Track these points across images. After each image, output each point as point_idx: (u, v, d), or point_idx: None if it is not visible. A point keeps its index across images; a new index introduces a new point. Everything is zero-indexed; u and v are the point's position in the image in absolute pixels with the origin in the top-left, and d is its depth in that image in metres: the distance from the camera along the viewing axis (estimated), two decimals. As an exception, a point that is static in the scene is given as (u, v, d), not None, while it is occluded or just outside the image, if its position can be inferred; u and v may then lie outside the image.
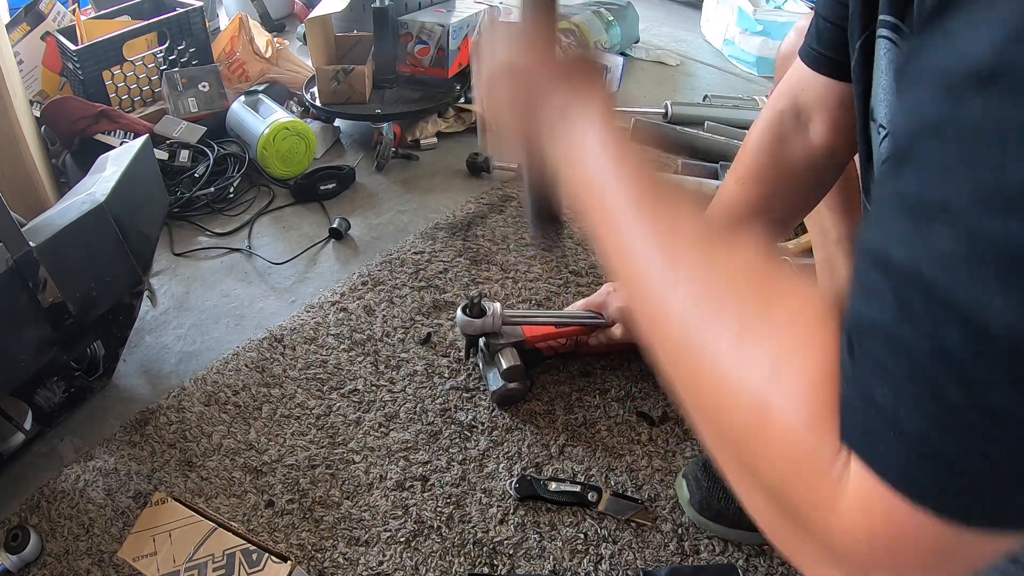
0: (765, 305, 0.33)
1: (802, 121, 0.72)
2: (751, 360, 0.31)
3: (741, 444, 0.32)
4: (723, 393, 0.32)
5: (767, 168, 0.74)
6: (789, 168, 0.73)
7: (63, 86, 1.58)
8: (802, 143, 0.72)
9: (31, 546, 0.79)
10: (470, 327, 0.96)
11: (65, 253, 0.84)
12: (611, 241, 0.41)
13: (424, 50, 1.62)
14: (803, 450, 0.29)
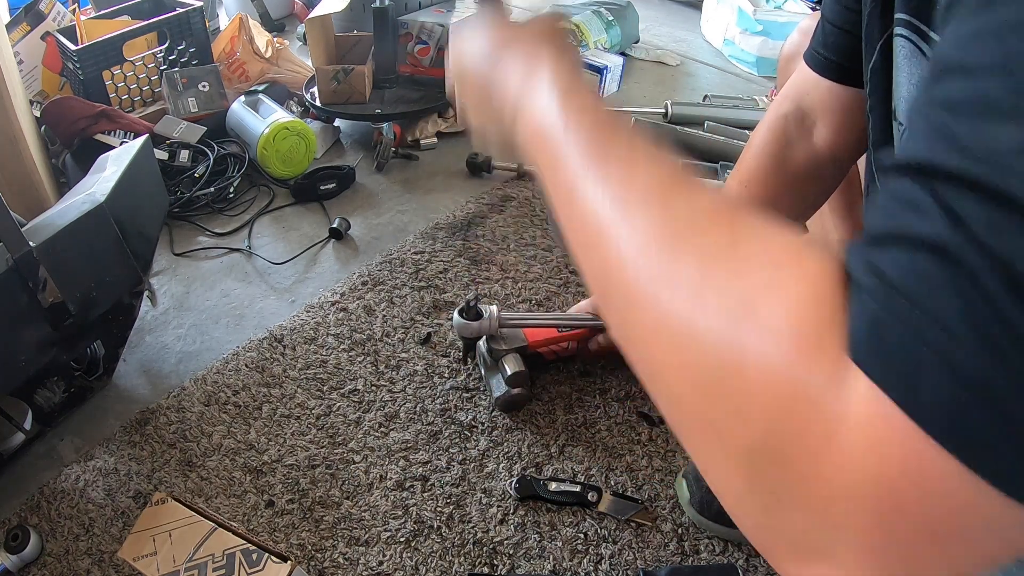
0: (730, 242, 0.28)
1: (806, 125, 0.72)
2: (717, 302, 0.27)
3: (711, 401, 0.27)
4: (687, 345, 0.27)
5: (771, 171, 0.74)
6: (793, 171, 0.73)
7: (63, 86, 1.58)
8: (806, 147, 0.72)
9: (31, 546, 0.79)
10: (467, 330, 0.96)
11: (65, 253, 0.84)
12: (559, 188, 0.37)
13: (424, 50, 1.62)
14: (790, 389, 0.24)
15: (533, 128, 0.40)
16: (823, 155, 0.71)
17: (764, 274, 0.27)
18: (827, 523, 0.23)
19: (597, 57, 1.91)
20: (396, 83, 1.65)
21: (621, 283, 0.31)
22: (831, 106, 0.68)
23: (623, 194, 0.33)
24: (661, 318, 0.29)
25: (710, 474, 0.29)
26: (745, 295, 0.26)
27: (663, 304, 0.29)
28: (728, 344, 0.26)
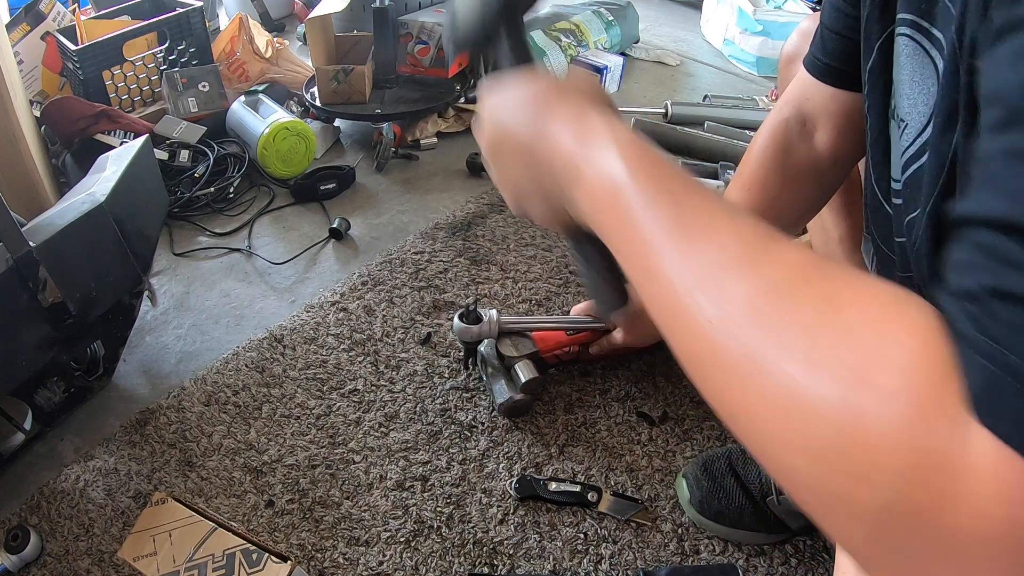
0: (829, 302, 0.28)
1: (807, 129, 0.73)
2: (828, 369, 0.26)
3: (832, 470, 0.27)
4: (800, 416, 0.27)
5: (772, 174, 0.75)
6: (794, 175, 0.74)
7: (63, 86, 1.58)
8: (807, 150, 0.73)
9: (31, 546, 0.79)
10: (467, 334, 0.96)
11: (65, 253, 0.84)
12: (633, 247, 0.36)
13: (424, 50, 1.62)
14: (915, 450, 0.24)
15: (598, 192, 0.38)
16: (824, 158, 0.72)
17: (871, 334, 0.27)
18: (963, 570, 0.25)
19: (597, 57, 1.91)
20: (396, 83, 1.65)
21: (718, 354, 0.30)
22: (831, 110, 0.69)
23: (711, 261, 0.32)
24: (769, 390, 0.28)
25: (833, 531, 0.29)
26: (856, 359, 0.26)
27: (770, 376, 0.28)
28: (845, 411, 0.26)
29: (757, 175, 0.76)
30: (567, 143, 0.41)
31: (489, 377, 0.98)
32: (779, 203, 0.76)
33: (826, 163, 0.72)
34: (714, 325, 0.30)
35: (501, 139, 0.46)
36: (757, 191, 0.77)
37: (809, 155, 0.73)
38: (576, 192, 0.41)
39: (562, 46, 1.90)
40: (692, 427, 0.96)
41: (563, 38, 1.92)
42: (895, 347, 0.26)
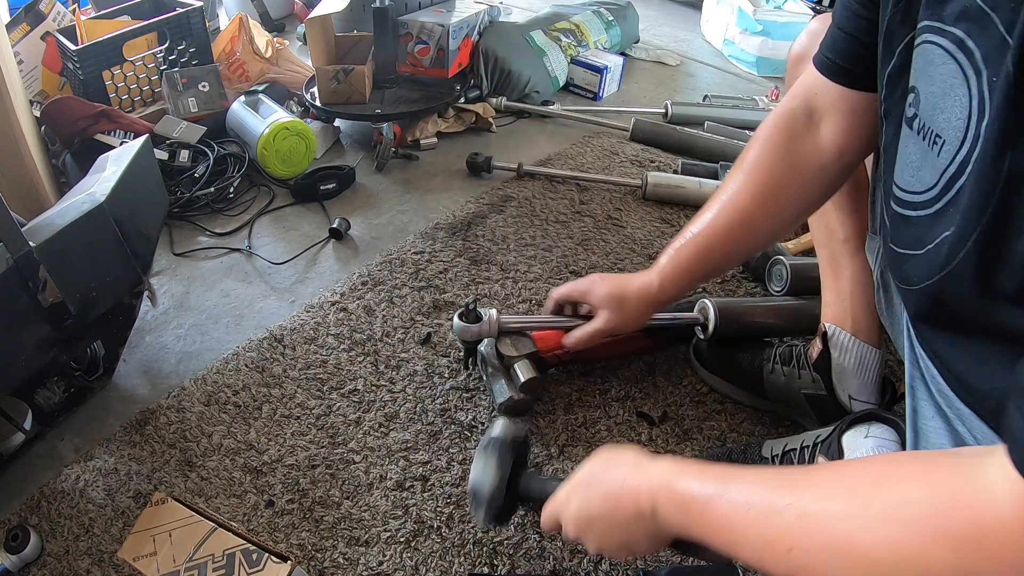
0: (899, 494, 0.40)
1: (814, 121, 0.73)
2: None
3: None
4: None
5: (774, 161, 0.75)
6: (797, 165, 0.74)
7: (63, 86, 1.58)
8: (811, 142, 0.73)
9: (31, 546, 0.79)
10: (467, 333, 0.95)
11: (65, 253, 0.84)
12: (744, 533, 0.47)
13: (424, 50, 1.62)
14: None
15: (680, 502, 0.52)
16: (829, 151, 0.72)
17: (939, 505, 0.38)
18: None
19: (597, 57, 1.91)
20: (396, 83, 1.65)
21: (803, 541, 0.43)
22: (839, 108, 0.69)
23: (805, 510, 0.44)
24: (843, 548, 0.41)
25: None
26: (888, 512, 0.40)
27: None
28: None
29: (761, 160, 0.76)
30: (642, 487, 0.56)
31: (489, 377, 0.98)
32: (781, 192, 0.76)
33: (830, 156, 0.72)
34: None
35: (589, 525, 0.61)
36: (761, 176, 0.76)
37: (814, 146, 0.73)
38: (661, 512, 0.54)
39: (562, 46, 1.90)
40: (692, 427, 0.96)
41: (563, 38, 1.92)
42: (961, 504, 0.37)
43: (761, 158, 0.76)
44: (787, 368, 0.93)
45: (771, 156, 0.76)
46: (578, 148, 1.65)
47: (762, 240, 0.85)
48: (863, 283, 0.84)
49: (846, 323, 0.87)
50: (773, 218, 0.78)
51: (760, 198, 0.77)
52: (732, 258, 0.86)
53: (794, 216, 0.80)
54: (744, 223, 0.79)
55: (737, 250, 0.83)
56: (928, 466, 0.41)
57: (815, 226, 0.91)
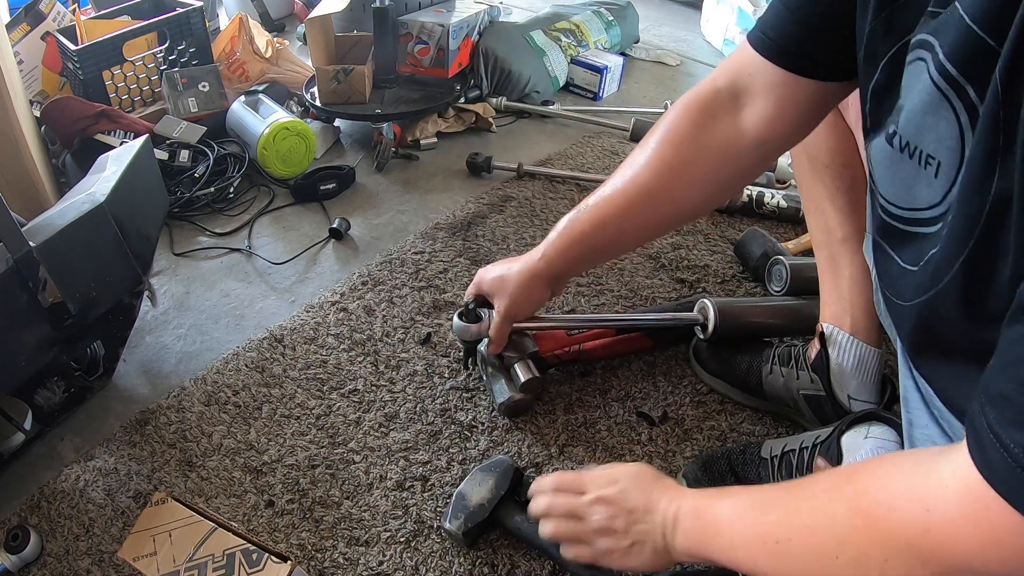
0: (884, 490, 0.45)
1: (739, 104, 0.68)
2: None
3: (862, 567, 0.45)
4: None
5: (688, 139, 0.71)
6: (711, 144, 0.70)
7: (63, 86, 1.58)
8: (731, 124, 0.69)
9: (31, 546, 0.79)
10: (467, 333, 0.94)
11: (65, 253, 0.84)
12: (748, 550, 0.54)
13: (424, 50, 1.62)
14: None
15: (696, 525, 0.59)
16: (748, 137, 0.68)
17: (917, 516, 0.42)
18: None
19: (597, 57, 1.91)
20: (396, 83, 1.65)
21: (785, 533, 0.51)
22: (773, 93, 0.65)
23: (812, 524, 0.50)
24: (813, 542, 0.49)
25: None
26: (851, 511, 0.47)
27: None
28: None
29: (672, 136, 0.71)
30: (662, 507, 0.63)
31: (489, 377, 0.98)
32: (688, 172, 0.71)
33: (750, 143, 0.68)
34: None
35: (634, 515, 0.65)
36: (668, 152, 0.71)
37: (734, 129, 0.68)
38: (679, 532, 0.61)
39: (562, 46, 1.90)
40: (692, 427, 0.96)
41: (563, 38, 1.92)
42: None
43: (673, 134, 0.71)
44: (786, 369, 0.93)
45: (682, 133, 0.71)
46: (578, 148, 1.65)
47: (663, 222, 0.80)
48: (862, 283, 0.84)
49: (845, 323, 0.87)
50: (676, 200, 0.74)
51: (664, 176, 0.72)
52: (628, 236, 0.81)
53: (699, 201, 0.76)
54: (644, 201, 0.74)
55: (634, 228, 0.78)
56: (890, 469, 0.46)
57: (813, 226, 0.91)
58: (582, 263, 0.84)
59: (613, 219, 0.77)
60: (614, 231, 0.78)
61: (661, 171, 0.72)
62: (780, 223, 1.39)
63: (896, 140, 0.48)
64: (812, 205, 0.89)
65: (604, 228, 0.78)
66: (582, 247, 0.81)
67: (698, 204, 0.76)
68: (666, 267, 1.25)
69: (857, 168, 0.83)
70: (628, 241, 0.84)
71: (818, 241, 0.90)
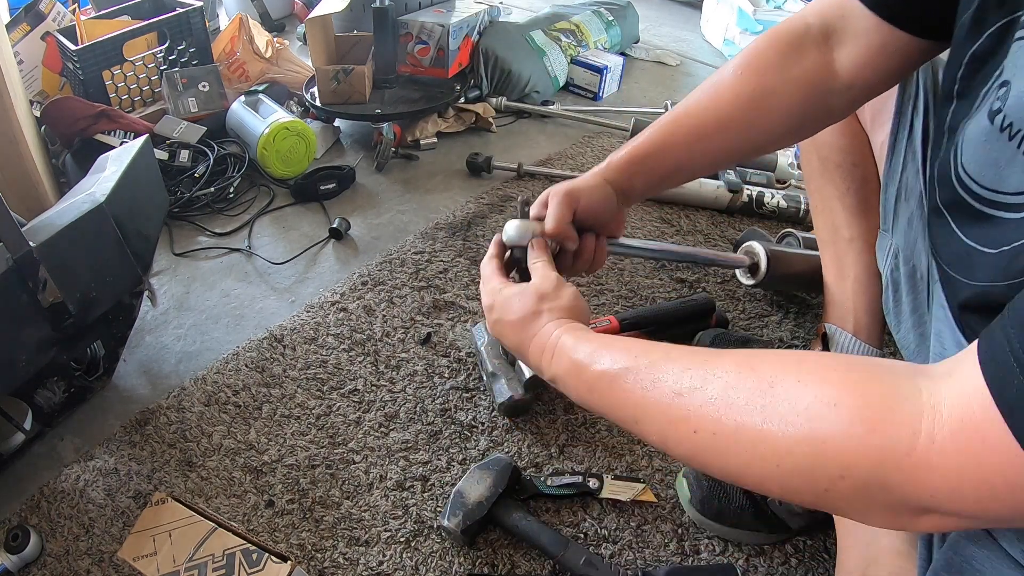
0: (770, 384, 0.42)
1: (829, 43, 0.64)
2: (789, 423, 0.41)
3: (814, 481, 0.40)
4: (774, 454, 0.41)
5: (773, 64, 0.66)
6: (798, 76, 0.65)
7: (63, 86, 1.58)
8: (820, 60, 0.64)
9: (31, 546, 0.79)
10: (526, 234, 0.73)
11: (65, 253, 0.84)
12: (598, 389, 0.52)
13: (424, 50, 1.62)
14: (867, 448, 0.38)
15: (589, 379, 0.54)
16: (837, 76, 0.64)
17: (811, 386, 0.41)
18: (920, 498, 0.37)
19: (597, 57, 1.91)
20: (396, 83, 1.65)
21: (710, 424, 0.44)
22: (865, 38, 0.61)
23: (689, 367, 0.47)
24: (760, 447, 0.42)
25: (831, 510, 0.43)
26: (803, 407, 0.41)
27: (758, 437, 0.42)
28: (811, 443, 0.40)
29: (756, 62, 0.67)
30: (546, 342, 0.59)
31: (489, 377, 0.98)
32: (769, 102, 0.67)
33: (838, 82, 0.64)
34: (708, 408, 0.44)
35: (500, 325, 0.65)
36: (751, 79, 0.67)
37: (822, 66, 0.64)
38: (547, 361, 0.59)
39: (562, 46, 1.90)
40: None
41: (563, 38, 1.91)
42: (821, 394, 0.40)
43: (755, 60, 0.67)
44: (786, 368, 0.93)
45: (768, 61, 0.66)
46: (578, 148, 1.65)
47: (736, 151, 0.74)
48: (867, 284, 0.84)
49: (847, 323, 0.87)
50: (754, 129, 0.69)
51: (744, 103, 0.68)
52: (697, 162, 0.74)
53: (778, 133, 0.71)
54: (719, 127, 0.69)
55: (705, 155, 0.72)
56: (862, 374, 0.41)
57: (820, 225, 0.90)
58: (649, 185, 0.77)
59: (682, 142, 0.72)
60: (683, 155, 0.72)
61: (741, 96, 0.67)
62: (780, 223, 1.39)
63: (999, 119, 0.46)
64: (820, 204, 0.89)
65: (672, 150, 0.72)
66: (644, 167, 0.74)
67: (776, 137, 0.71)
68: (666, 267, 1.25)
69: (867, 168, 0.82)
70: (696, 167, 0.77)
71: (824, 240, 0.89)
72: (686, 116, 0.71)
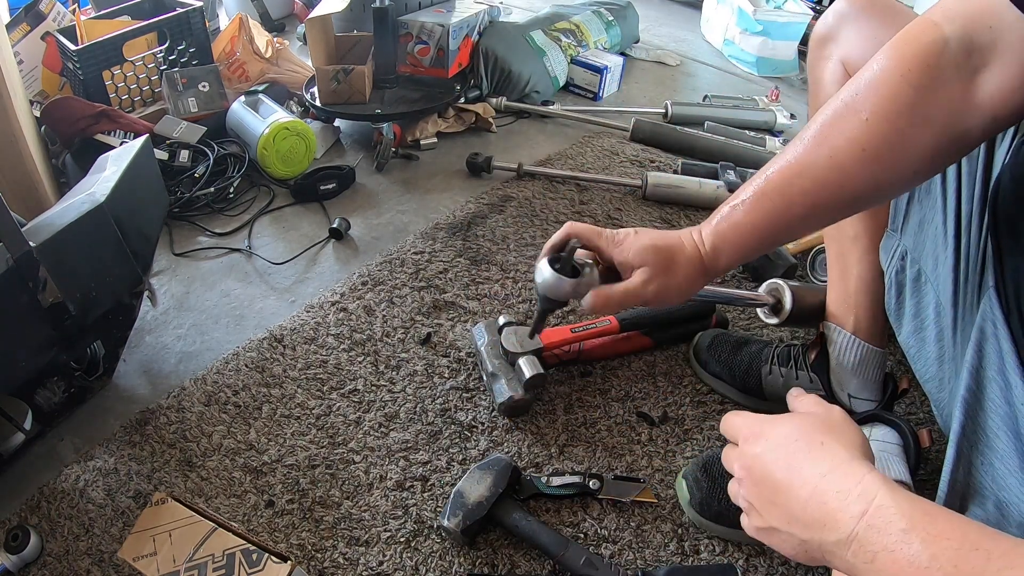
0: None
1: (972, 63, 0.52)
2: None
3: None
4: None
5: (907, 107, 0.55)
6: (931, 117, 0.54)
7: (63, 86, 1.58)
8: (961, 90, 0.53)
9: (31, 546, 0.79)
10: (559, 290, 0.66)
11: (65, 253, 0.84)
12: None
13: (424, 50, 1.62)
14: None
15: (895, 569, 0.38)
16: (979, 108, 0.53)
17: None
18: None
19: (597, 57, 1.91)
20: (396, 83, 1.65)
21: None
22: (1022, 58, 0.50)
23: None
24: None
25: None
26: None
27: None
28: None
29: (886, 102, 0.55)
30: (848, 508, 0.41)
31: (489, 377, 0.98)
32: (898, 155, 0.56)
33: (978, 117, 0.53)
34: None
35: (771, 496, 0.46)
36: (881, 124, 0.56)
37: (962, 96, 0.53)
38: (851, 557, 0.41)
39: (562, 46, 1.90)
40: (692, 427, 0.96)
41: (563, 38, 1.91)
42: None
43: (888, 103, 0.55)
44: (785, 369, 0.93)
45: (901, 102, 0.54)
46: (578, 148, 1.65)
47: (849, 210, 0.64)
48: (869, 283, 0.84)
49: (847, 322, 0.87)
50: (880, 184, 0.58)
51: (871, 156, 0.56)
52: (808, 227, 0.64)
53: (903, 182, 0.60)
54: (842, 188, 0.59)
55: (818, 220, 0.63)
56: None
57: None
58: (746, 259, 0.68)
59: (799, 215, 0.61)
60: (797, 226, 0.63)
61: (868, 151, 0.56)
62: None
63: None
64: None
65: (785, 219, 0.62)
66: (752, 238, 0.64)
67: (901, 186, 0.63)
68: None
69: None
70: (805, 233, 0.67)
71: (829, 235, 0.89)
72: (801, 179, 0.60)
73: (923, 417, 1.00)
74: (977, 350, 0.57)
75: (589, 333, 1.02)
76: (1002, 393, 0.54)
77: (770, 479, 0.46)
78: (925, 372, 0.71)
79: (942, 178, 0.68)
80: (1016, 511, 0.52)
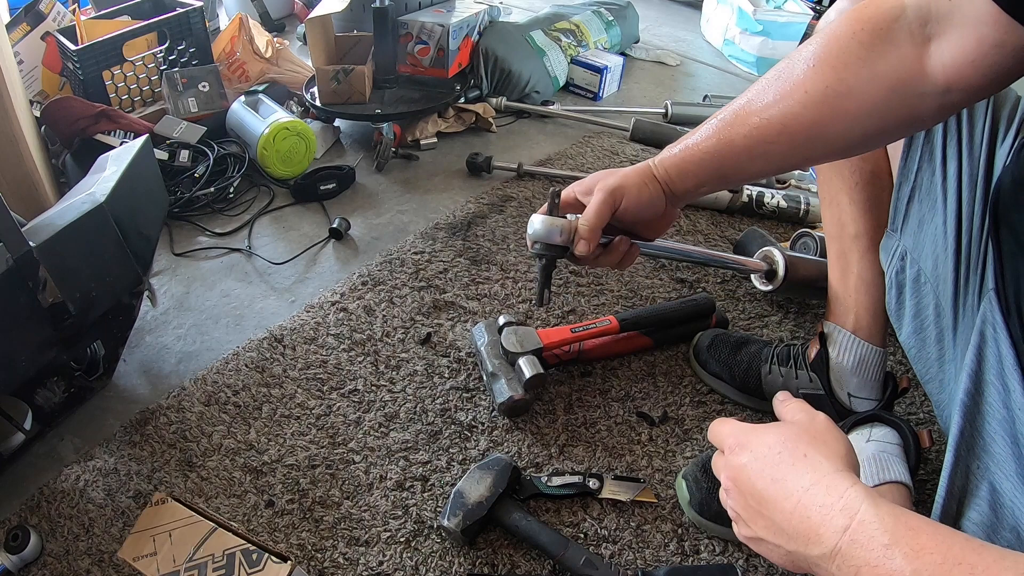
0: None
1: (927, 33, 0.54)
2: None
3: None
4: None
5: (854, 60, 0.56)
6: (880, 76, 0.56)
7: (63, 86, 1.58)
8: (913, 56, 0.54)
9: (31, 546, 0.79)
10: (553, 233, 0.69)
11: (65, 253, 0.84)
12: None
13: (424, 50, 1.62)
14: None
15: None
16: (932, 78, 0.54)
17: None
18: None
19: (597, 57, 1.91)
20: (396, 83, 1.65)
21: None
22: (976, 30, 0.50)
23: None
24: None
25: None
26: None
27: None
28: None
29: (834, 55, 0.57)
30: (832, 523, 0.41)
31: (489, 377, 0.98)
32: (844, 104, 0.58)
33: (931, 86, 0.54)
34: None
35: (756, 507, 0.47)
36: (826, 72, 0.58)
37: (914, 63, 0.54)
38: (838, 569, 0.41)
39: (562, 46, 1.90)
40: (692, 427, 0.96)
41: (563, 38, 1.91)
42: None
43: (834, 52, 0.57)
44: (784, 368, 0.93)
45: (849, 54, 0.57)
46: (578, 148, 1.65)
47: (800, 156, 0.65)
48: (870, 283, 0.84)
49: (847, 322, 0.87)
50: (826, 135, 0.60)
51: (817, 104, 0.59)
52: (757, 164, 0.66)
53: (854, 140, 0.61)
54: (785, 127, 0.61)
55: (766, 156, 0.64)
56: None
57: (827, 218, 0.89)
58: (701, 186, 0.70)
59: (742, 145, 0.64)
60: (743, 158, 0.65)
61: (812, 95, 0.59)
62: (780, 223, 1.39)
63: None
64: (828, 197, 0.87)
65: (731, 152, 0.65)
66: (699, 168, 0.68)
67: (848, 144, 0.63)
68: (666, 267, 1.25)
69: (877, 163, 0.81)
70: (756, 171, 0.68)
71: (831, 234, 0.89)
72: (748, 113, 0.63)
73: (923, 417, 1.00)
74: (976, 353, 0.57)
75: (589, 333, 1.02)
76: (1000, 398, 0.54)
77: (755, 491, 0.47)
78: (926, 373, 0.71)
79: (942, 179, 0.67)
80: (1010, 515, 0.52)
